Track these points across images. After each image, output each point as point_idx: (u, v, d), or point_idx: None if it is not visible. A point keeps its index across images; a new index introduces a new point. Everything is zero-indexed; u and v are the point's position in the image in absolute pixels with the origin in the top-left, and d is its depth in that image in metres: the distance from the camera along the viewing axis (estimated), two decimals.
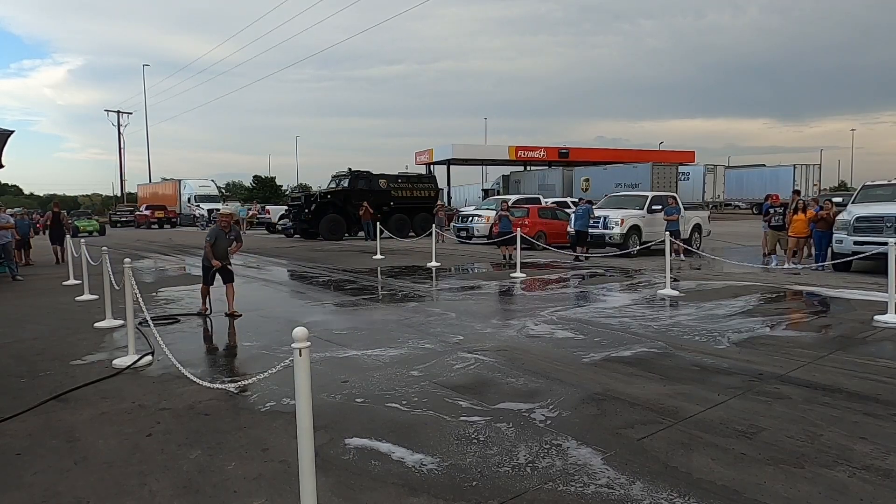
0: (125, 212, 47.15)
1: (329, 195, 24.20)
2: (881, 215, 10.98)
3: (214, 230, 8.47)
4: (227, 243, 8.45)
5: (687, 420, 4.02)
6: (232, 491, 3.15)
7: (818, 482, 3.13)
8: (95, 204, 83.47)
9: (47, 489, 3.22)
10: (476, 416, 4.17)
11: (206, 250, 8.24)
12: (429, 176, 29.96)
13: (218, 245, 8.30)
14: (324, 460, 3.40)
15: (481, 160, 48.80)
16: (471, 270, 13.59)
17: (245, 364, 5.59)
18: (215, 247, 8.25)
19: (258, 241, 24.42)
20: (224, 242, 8.41)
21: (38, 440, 3.90)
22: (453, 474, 3.30)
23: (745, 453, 3.49)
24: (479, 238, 20.39)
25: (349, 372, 5.27)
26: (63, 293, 10.49)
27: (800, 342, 6.16)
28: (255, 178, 71.13)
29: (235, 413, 4.32)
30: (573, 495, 3.04)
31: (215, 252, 8.20)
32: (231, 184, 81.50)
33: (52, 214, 17.16)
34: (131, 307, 5.82)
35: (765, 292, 9.38)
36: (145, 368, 5.54)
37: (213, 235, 8.35)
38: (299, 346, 2.65)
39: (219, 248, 8.31)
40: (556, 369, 5.28)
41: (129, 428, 4.06)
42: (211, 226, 8.35)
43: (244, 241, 10.34)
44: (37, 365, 5.73)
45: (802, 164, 38.50)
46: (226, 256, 8.46)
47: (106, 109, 78.03)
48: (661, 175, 31.72)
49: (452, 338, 6.56)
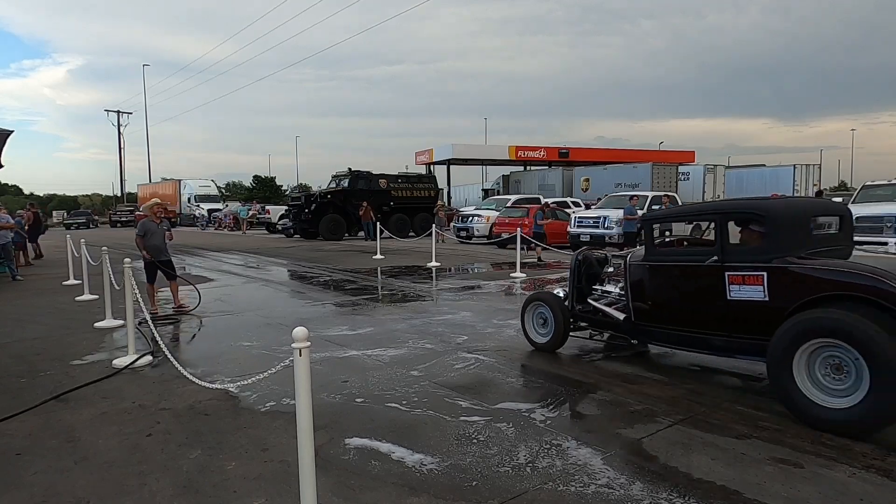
0: (125, 212, 47.13)
1: (329, 195, 24.20)
2: (881, 215, 10.97)
3: (145, 223, 8.23)
4: (161, 235, 8.25)
5: (687, 420, 4.02)
6: (232, 491, 3.15)
7: (818, 482, 3.13)
8: (95, 204, 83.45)
9: (47, 489, 3.22)
10: (476, 416, 4.17)
11: (137, 243, 8.07)
12: (429, 176, 29.96)
13: (153, 238, 8.10)
14: (324, 460, 3.40)
15: (481, 160, 48.76)
16: (471, 270, 13.59)
17: (245, 364, 5.59)
18: (147, 239, 8.06)
19: (258, 241, 24.43)
20: (159, 235, 8.20)
21: (38, 440, 3.90)
22: (453, 474, 3.30)
23: (745, 453, 3.49)
24: (479, 238, 20.39)
25: (349, 372, 5.27)
26: (63, 293, 10.49)
27: None
28: (255, 178, 71.09)
29: (235, 413, 4.32)
30: (573, 495, 3.04)
31: (148, 246, 8.04)
32: (231, 184, 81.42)
33: (32, 215, 17.47)
34: (131, 307, 5.82)
35: None
36: (145, 368, 5.54)
37: (142, 228, 8.12)
38: (299, 346, 2.65)
39: (154, 241, 8.12)
40: (556, 369, 5.28)
41: (129, 428, 4.06)
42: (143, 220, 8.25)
43: (244, 242, 10.32)
44: (37, 365, 5.73)
45: (802, 165, 38.43)
46: (164, 251, 8.31)
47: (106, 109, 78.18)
48: (661, 175, 31.71)
49: (452, 338, 6.56)
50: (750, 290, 4.28)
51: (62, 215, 57.97)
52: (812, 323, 3.82)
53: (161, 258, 8.26)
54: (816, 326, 3.79)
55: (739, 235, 4.86)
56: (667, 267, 4.95)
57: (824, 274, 3.97)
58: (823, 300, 3.91)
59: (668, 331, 4.95)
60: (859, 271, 3.89)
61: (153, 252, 8.15)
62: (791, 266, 4.11)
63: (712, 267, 4.47)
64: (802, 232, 4.39)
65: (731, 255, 4.42)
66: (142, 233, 8.10)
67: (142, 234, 8.10)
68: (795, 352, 3.86)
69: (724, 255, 4.43)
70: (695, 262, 4.65)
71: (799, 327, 3.86)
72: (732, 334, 4.43)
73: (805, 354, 3.85)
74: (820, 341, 3.78)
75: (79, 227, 43.24)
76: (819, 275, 3.99)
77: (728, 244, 4.52)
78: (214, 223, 38.39)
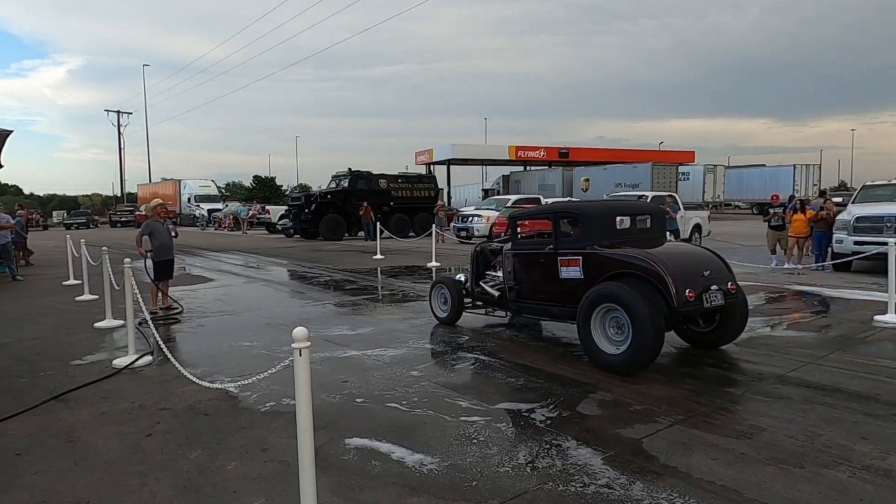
0: (125, 212, 47.13)
1: (329, 195, 24.20)
2: (881, 215, 10.97)
3: (150, 223, 8.28)
4: (167, 234, 8.29)
5: (687, 420, 4.02)
6: (232, 491, 3.15)
7: (818, 482, 3.13)
8: (95, 204, 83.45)
9: (47, 489, 3.22)
10: (476, 416, 4.17)
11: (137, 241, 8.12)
12: (429, 176, 29.95)
13: (159, 237, 8.14)
14: (324, 460, 3.40)
15: (481, 160, 48.79)
16: None
17: (245, 364, 5.59)
18: (154, 239, 8.10)
19: (258, 241, 24.43)
20: (165, 234, 8.25)
21: (38, 440, 3.90)
22: (453, 474, 3.30)
23: (745, 453, 3.49)
24: (479, 238, 20.38)
25: (349, 372, 5.27)
26: (63, 293, 10.49)
27: (800, 342, 6.16)
28: (255, 178, 71.12)
29: (235, 413, 4.32)
30: (573, 495, 3.04)
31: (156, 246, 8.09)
32: (231, 184, 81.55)
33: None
34: (131, 307, 5.82)
35: (765, 292, 9.38)
36: (145, 368, 5.54)
37: (148, 229, 8.16)
38: (299, 346, 2.65)
39: (162, 240, 8.16)
40: (556, 369, 5.28)
41: (129, 428, 4.06)
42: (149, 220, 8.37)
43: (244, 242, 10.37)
44: (37, 365, 5.73)
45: (802, 165, 38.51)
46: (171, 250, 8.34)
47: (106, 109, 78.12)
48: (661, 175, 31.71)
49: (452, 338, 6.56)
50: (573, 270, 5.71)
51: (62, 215, 57.96)
52: (600, 292, 5.17)
53: (167, 257, 8.29)
54: (602, 294, 5.14)
55: (570, 229, 6.32)
56: (523, 254, 6.34)
57: (615, 257, 5.38)
58: (615, 276, 5.27)
59: (527, 304, 6.31)
60: (636, 255, 5.24)
61: (161, 251, 8.19)
62: (597, 251, 5.52)
63: (549, 253, 5.94)
64: (608, 226, 5.79)
65: (562, 244, 5.88)
66: (147, 233, 8.13)
67: (147, 233, 8.13)
68: (592, 314, 5.20)
69: (557, 244, 5.90)
70: (539, 249, 6.11)
71: (593, 296, 5.22)
72: (566, 304, 5.73)
73: (598, 316, 5.20)
74: (605, 306, 5.11)
75: (79, 228, 43.25)
76: (613, 257, 5.39)
77: (561, 236, 5.98)
78: (214, 223, 38.38)
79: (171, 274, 8.48)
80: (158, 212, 8.47)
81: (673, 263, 5.10)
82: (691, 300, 4.93)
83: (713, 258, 5.57)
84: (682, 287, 4.91)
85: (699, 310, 5.13)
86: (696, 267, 5.28)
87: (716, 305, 5.20)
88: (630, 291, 4.90)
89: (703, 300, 5.05)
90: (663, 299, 4.92)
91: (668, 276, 4.92)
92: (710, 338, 5.75)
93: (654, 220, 6.22)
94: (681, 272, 5.03)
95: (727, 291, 5.28)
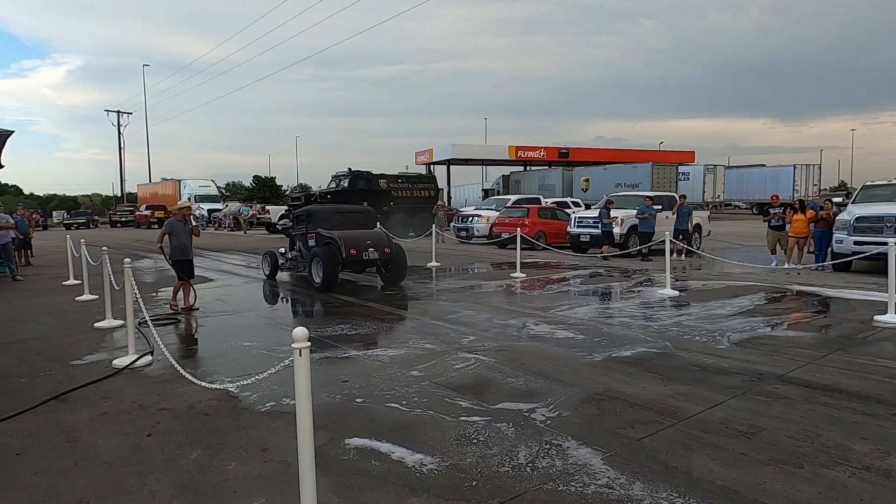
0: (125, 212, 47.12)
1: (329, 195, 24.19)
2: (881, 215, 10.97)
3: (172, 222, 8.39)
4: (188, 235, 8.35)
5: (687, 420, 4.02)
6: (232, 491, 3.15)
7: (818, 482, 3.13)
8: (95, 204, 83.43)
9: (47, 489, 3.22)
10: (476, 416, 4.18)
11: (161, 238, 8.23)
12: (429, 176, 29.94)
13: (180, 237, 8.21)
14: (324, 460, 3.40)
15: (481, 160, 48.76)
16: (471, 270, 13.59)
17: (245, 364, 5.59)
18: (174, 238, 8.18)
19: (258, 240, 24.41)
20: (185, 234, 8.31)
21: (38, 440, 3.90)
22: (453, 474, 3.30)
23: (745, 453, 3.49)
24: (479, 238, 20.38)
25: (349, 372, 5.28)
26: (63, 293, 10.49)
27: (800, 342, 6.16)
28: (255, 178, 71.08)
29: (235, 413, 4.32)
30: (573, 495, 3.04)
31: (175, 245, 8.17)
32: (231, 184, 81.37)
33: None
34: (131, 307, 5.83)
35: (765, 292, 9.38)
36: (145, 368, 5.54)
37: (169, 227, 8.27)
38: (299, 346, 2.65)
39: (181, 240, 8.22)
40: (556, 369, 5.28)
41: (129, 428, 4.06)
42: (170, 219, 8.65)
43: (244, 242, 10.52)
44: (37, 365, 5.73)
45: (802, 165, 38.44)
46: (189, 250, 8.39)
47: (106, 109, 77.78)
48: (661, 175, 31.70)
49: (452, 338, 6.56)
50: (311, 241, 10.60)
51: (62, 215, 57.92)
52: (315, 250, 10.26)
53: (184, 257, 8.33)
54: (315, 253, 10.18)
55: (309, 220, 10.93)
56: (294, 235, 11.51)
57: (319, 233, 10.37)
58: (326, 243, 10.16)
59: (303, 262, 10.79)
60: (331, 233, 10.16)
61: (178, 251, 8.24)
62: (318, 231, 10.41)
63: (298, 232, 11.10)
64: (328, 218, 10.66)
65: (308, 227, 10.72)
66: (168, 231, 8.24)
67: (168, 232, 8.24)
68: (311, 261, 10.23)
69: (306, 227, 10.82)
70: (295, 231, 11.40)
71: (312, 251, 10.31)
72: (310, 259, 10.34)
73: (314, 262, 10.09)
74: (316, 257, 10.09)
75: (79, 227, 43.20)
76: (320, 233, 10.38)
77: (310, 222, 10.79)
78: (214, 223, 38.37)
79: (192, 273, 8.51)
80: (184, 214, 8.58)
81: (348, 237, 10.00)
82: (353, 255, 9.86)
83: (380, 234, 10.95)
84: (348, 248, 9.84)
85: (360, 259, 9.97)
86: (364, 238, 10.18)
87: (372, 258, 10.09)
88: (325, 249, 9.98)
89: (362, 256, 9.94)
90: (339, 254, 9.83)
91: (342, 242, 9.88)
92: (390, 277, 10.66)
93: (366, 217, 11.32)
94: (352, 240, 9.97)
95: (382, 252, 10.16)
